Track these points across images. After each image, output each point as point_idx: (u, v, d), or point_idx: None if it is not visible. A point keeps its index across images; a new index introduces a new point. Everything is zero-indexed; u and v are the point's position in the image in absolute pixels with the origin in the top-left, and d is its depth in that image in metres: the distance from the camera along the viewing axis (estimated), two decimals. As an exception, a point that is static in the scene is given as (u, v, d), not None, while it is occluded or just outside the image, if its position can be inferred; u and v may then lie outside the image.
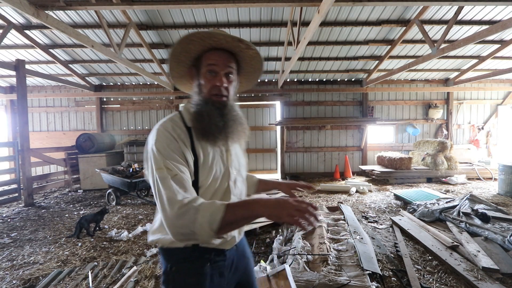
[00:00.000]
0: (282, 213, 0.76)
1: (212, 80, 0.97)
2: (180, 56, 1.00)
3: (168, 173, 0.84)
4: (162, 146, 0.88)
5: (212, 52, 0.98)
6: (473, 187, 5.96)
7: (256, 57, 1.05)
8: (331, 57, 6.57)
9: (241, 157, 1.16)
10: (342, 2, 3.73)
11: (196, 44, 0.96)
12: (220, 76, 0.97)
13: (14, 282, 2.45)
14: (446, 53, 4.61)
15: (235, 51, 1.01)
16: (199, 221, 0.77)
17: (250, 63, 1.08)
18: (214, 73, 0.97)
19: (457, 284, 2.27)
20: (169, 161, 0.86)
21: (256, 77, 1.17)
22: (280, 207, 0.77)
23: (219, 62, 0.97)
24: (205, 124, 0.95)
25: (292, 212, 0.76)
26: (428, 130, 8.04)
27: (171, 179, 0.83)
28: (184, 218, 0.78)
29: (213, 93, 0.98)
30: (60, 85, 7.63)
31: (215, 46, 0.97)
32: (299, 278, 2.00)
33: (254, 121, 7.91)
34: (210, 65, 0.97)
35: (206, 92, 0.98)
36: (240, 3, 3.76)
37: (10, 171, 5.60)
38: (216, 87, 0.97)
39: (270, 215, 0.78)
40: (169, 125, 0.94)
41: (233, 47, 0.98)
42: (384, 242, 3.14)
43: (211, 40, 0.94)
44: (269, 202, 0.80)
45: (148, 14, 4.87)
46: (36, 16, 3.42)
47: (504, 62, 7.00)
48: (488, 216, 3.24)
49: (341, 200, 5.05)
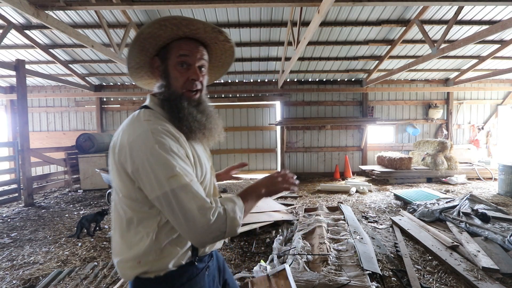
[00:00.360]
0: (277, 187, 0.92)
1: (185, 73, 0.86)
2: (145, 43, 0.85)
3: (183, 178, 0.73)
4: (169, 147, 0.75)
5: (184, 41, 0.87)
6: (473, 187, 5.96)
7: (229, 51, 0.98)
8: (331, 57, 6.57)
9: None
10: (342, 2, 3.73)
11: (168, 31, 0.83)
12: (194, 69, 0.87)
13: (14, 282, 2.45)
14: (446, 53, 4.61)
15: (208, 42, 0.92)
16: (230, 219, 0.77)
17: (221, 57, 1.01)
18: (187, 65, 0.86)
19: (457, 284, 2.27)
20: (181, 164, 0.75)
21: (222, 72, 1.09)
22: (274, 183, 0.93)
23: (193, 53, 0.87)
24: (189, 122, 0.86)
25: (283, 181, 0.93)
26: (428, 130, 8.04)
27: (189, 185, 0.73)
28: (218, 222, 0.74)
29: (187, 88, 0.88)
30: (60, 85, 7.62)
31: (190, 35, 0.87)
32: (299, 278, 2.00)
33: (254, 121, 7.91)
34: (182, 55, 0.86)
35: (179, 87, 0.87)
36: (240, 3, 3.76)
37: (10, 171, 5.60)
38: (191, 81, 0.87)
39: (270, 192, 0.92)
40: (162, 123, 0.81)
41: (210, 38, 0.90)
42: (384, 242, 3.14)
43: (187, 28, 0.83)
44: (264, 182, 0.92)
45: (148, 14, 4.87)
46: (36, 16, 3.42)
47: (504, 62, 7.00)
48: (488, 216, 3.24)
49: (341, 200, 5.05)
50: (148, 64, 0.93)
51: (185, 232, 0.74)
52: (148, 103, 0.90)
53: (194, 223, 0.71)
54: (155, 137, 0.75)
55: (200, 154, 0.90)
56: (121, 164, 0.78)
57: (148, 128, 0.76)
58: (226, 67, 1.07)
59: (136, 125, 0.79)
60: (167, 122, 0.83)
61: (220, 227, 0.74)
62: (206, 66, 0.92)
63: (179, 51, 0.86)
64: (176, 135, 0.81)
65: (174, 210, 0.72)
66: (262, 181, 0.93)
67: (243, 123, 7.93)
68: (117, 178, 0.81)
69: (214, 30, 0.86)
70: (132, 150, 0.75)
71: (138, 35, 0.83)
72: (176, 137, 0.80)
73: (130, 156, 0.75)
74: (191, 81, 0.87)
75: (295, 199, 5.22)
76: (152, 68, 0.93)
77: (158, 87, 0.90)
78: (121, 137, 0.80)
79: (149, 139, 0.75)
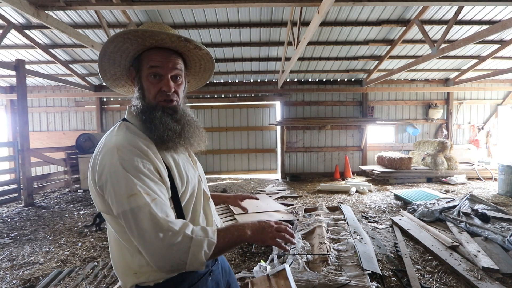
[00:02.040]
0: (266, 236, 0.81)
1: (157, 84, 0.84)
2: (114, 56, 0.85)
3: (146, 198, 0.70)
4: (132, 165, 0.73)
5: (154, 52, 0.84)
6: (473, 187, 5.96)
7: (206, 57, 0.95)
8: (331, 57, 6.57)
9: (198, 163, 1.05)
10: (342, 2, 3.73)
11: (134, 43, 0.82)
12: (166, 80, 0.84)
13: (14, 282, 2.45)
14: (446, 53, 4.61)
15: (181, 51, 0.89)
16: (192, 251, 0.70)
17: (200, 63, 0.98)
18: (158, 76, 0.84)
19: (457, 284, 2.27)
20: (143, 183, 0.72)
21: (207, 77, 1.06)
22: (264, 231, 0.81)
23: (164, 63, 0.84)
24: (160, 131, 0.82)
25: (274, 234, 0.81)
26: (428, 130, 8.04)
27: (151, 204, 0.70)
28: (177, 249, 0.69)
29: (160, 99, 0.85)
30: (60, 85, 7.63)
31: (158, 45, 0.84)
32: (299, 278, 2.00)
33: (254, 121, 7.91)
34: (153, 67, 0.83)
35: (151, 98, 0.85)
36: (240, 3, 3.76)
37: (10, 171, 5.59)
38: (163, 93, 0.84)
39: (256, 240, 0.80)
40: (132, 138, 0.79)
41: (180, 47, 0.87)
42: (384, 242, 3.14)
43: (152, 39, 0.81)
44: (254, 227, 0.82)
45: (148, 14, 4.87)
46: (36, 16, 3.42)
47: (504, 62, 7.00)
48: (488, 216, 3.24)
49: (341, 200, 5.05)
50: (125, 75, 0.93)
51: (143, 253, 0.71)
52: (126, 115, 0.90)
53: (151, 245, 0.68)
54: (119, 154, 0.74)
55: (180, 163, 0.87)
56: (93, 178, 0.78)
57: (115, 145, 0.76)
58: (209, 72, 1.03)
59: (107, 140, 0.79)
60: (139, 135, 0.82)
61: (179, 256, 0.69)
62: (181, 75, 0.89)
63: (149, 62, 0.84)
64: (144, 150, 0.77)
65: (132, 229, 0.70)
66: (253, 224, 0.82)
67: (243, 123, 7.93)
68: (92, 193, 0.81)
69: (181, 40, 0.83)
70: (99, 166, 0.75)
71: (103, 50, 0.82)
72: (144, 151, 0.77)
73: (97, 172, 0.75)
74: (163, 92, 0.85)
75: (295, 199, 5.22)
76: (130, 78, 0.92)
77: (134, 98, 0.89)
78: (95, 151, 0.80)
79: (114, 156, 0.73)
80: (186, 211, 0.87)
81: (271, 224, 0.83)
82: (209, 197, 1.00)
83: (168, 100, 0.86)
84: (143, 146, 0.78)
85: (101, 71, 0.89)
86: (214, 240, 0.74)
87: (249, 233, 0.80)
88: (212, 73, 1.04)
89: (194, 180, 0.91)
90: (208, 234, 0.75)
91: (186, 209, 0.87)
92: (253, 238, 0.80)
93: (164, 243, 0.68)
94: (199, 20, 5.12)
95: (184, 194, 0.85)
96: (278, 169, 8.06)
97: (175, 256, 0.69)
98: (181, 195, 0.85)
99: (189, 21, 5.13)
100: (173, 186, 0.82)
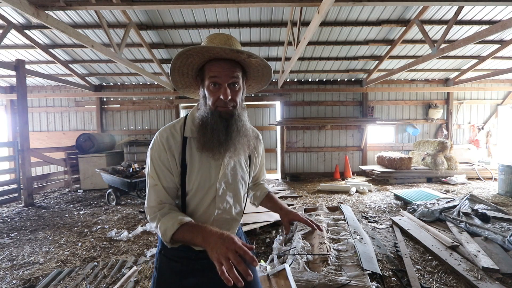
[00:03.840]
0: (213, 255, 0.75)
1: (216, 92, 0.94)
2: (182, 69, 0.99)
3: (151, 181, 0.96)
4: (154, 155, 0.97)
5: (214, 63, 0.94)
6: (473, 187, 5.96)
7: (262, 64, 1.02)
8: (331, 57, 6.57)
9: (241, 170, 1.10)
10: (342, 2, 3.72)
11: (196, 57, 0.94)
12: (224, 89, 0.93)
13: (14, 282, 2.45)
14: (446, 53, 4.61)
15: (238, 60, 0.97)
16: (158, 228, 0.91)
17: (258, 69, 1.05)
18: (217, 85, 0.94)
19: (457, 284, 2.27)
20: (156, 170, 0.96)
21: (266, 81, 1.16)
22: (215, 248, 0.76)
23: (222, 73, 0.93)
24: (207, 138, 0.96)
25: (221, 257, 0.73)
26: (428, 130, 8.04)
27: (152, 187, 0.96)
28: (152, 221, 0.94)
29: (218, 105, 0.96)
30: (60, 85, 7.63)
31: (216, 57, 0.94)
32: (299, 278, 2.00)
33: (254, 121, 7.90)
34: (212, 77, 0.93)
35: (211, 104, 0.96)
36: (240, 3, 3.76)
37: (10, 171, 5.59)
38: (221, 100, 0.95)
39: (207, 251, 0.79)
40: (165, 134, 0.99)
41: (234, 57, 0.95)
42: (384, 242, 3.14)
43: (210, 53, 0.91)
44: (210, 238, 0.80)
45: (148, 14, 4.87)
46: (36, 16, 3.41)
47: (504, 62, 7.00)
48: (488, 216, 3.24)
49: (341, 200, 5.05)
50: (193, 83, 1.08)
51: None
52: (189, 113, 1.08)
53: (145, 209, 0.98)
54: (153, 143, 0.99)
55: (198, 166, 1.00)
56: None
57: (157, 135, 1.00)
58: (267, 76, 1.12)
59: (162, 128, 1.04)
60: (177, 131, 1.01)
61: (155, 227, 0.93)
62: (238, 82, 0.97)
63: (209, 73, 0.95)
64: (169, 144, 0.98)
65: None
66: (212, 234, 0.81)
67: (243, 123, 7.92)
68: None
69: (233, 52, 0.91)
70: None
71: (172, 65, 0.97)
72: (168, 147, 0.97)
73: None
74: (220, 100, 0.95)
75: (295, 199, 5.22)
76: (197, 86, 1.07)
77: (200, 104, 1.03)
78: None
79: (152, 141, 1.00)
80: (189, 204, 1.02)
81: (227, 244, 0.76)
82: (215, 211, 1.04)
83: (225, 106, 0.97)
84: (167, 144, 0.98)
85: (173, 81, 1.04)
86: (172, 230, 0.88)
87: (200, 240, 0.83)
88: (270, 77, 1.13)
89: (203, 185, 1.00)
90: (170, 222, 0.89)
91: (190, 203, 1.02)
92: (204, 247, 0.81)
93: (147, 214, 0.96)
94: (199, 20, 5.11)
95: (190, 191, 1.00)
96: (278, 169, 8.06)
97: (154, 226, 0.94)
98: (187, 190, 1.00)
99: (189, 21, 5.13)
100: (183, 180, 0.99)
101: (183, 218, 0.90)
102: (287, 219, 1.16)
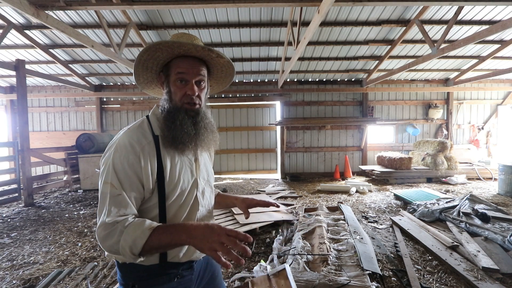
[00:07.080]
0: (204, 246, 0.72)
1: (183, 88, 0.94)
2: (147, 63, 0.97)
3: (112, 190, 0.82)
4: (119, 160, 0.84)
5: (182, 59, 0.95)
6: (473, 187, 5.96)
7: (227, 65, 1.04)
8: (331, 57, 6.57)
9: (210, 166, 1.14)
10: (342, 2, 3.72)
11: (164, 52, 0.93)
12: (191, 85, 0.94)
13: (14, 282, 2.45)
14: (446, 53, 4.61)
15: (205, 59, 0.99)
16: (121, 244, 0.76)
17: (222, 69, 1.07)
18: (184, 81, 0.94)
19: (457, 284, 2.27)
20: (119, 177, 0.83)
21: (228, 82, 1.16)
22: (205, 238, 0.73)
23: (190, 70, 0.94)
24: (176, 132, 0.92)
25: (214, 245, 0.71)
26: (428, 130, 8.04)
27: (113, 198, 0.81)
28: (109, 239, 0.77)
29: (185, 102, 0.95)
30: (60, 85, 7.63)
31: (184, 54, 0.95)
32: (299, 278, 2.00)
33: (254, 121, 7.91)
34: (180, 73, 0.94)
35: (177, 100, 0.95)
36: (240, 3, 3.76)
37: (10, 171, 5.59)
38: (188, 96, 0.94)
39: (195, 246, 0.75)
40: (134, 135, 0.89)
41: (204, 56, 0.96)
42: (384, 242, 3.14)
43: (180, 49, 0.92)
44: (196, 231, 0.76)
45: (148, 14, 4.87)
46: (36, 16, 3.42)
47: (504, 62, 7.00)
48: (488, 216, 3.24)
49: (341, 200, 5.05)
50: (156, 79, 1.05)
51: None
52: (150, 113, 1.01)
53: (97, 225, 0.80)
54: (116, 147, 0.87)
55: (178, 165, 0.95)
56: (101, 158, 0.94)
57: (119, 140, 0.88)
58: (230, 77, 1.13)
59: (120, 132, 0.93)
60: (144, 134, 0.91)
61: (112, 245, 0.77)
62: (204, 80, 0.99)
63: (177, 68, 0.94)
64: (138, 149, 0.86)
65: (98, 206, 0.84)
66: (195, 227, 0.77)
67: (243, 123, 7.93)
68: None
69: (204, 50, 0.92)
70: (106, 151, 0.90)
71: (138, 58, 0.94)
72: (140, 148, 0.87)
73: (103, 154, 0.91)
74: (188, 95, 0.94)
75: (295, 199, 5.22)
76: (159, 82, 1.03)
77: (163, 100, 1.00)
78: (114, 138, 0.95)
79: (113, 146, 0.88)
80: (170, 209, 0.93)
81: (217, 231, 0.74)
82: (198, 208, 1.00)
83: (191, 103, 0.96)
84: (139, 145, 0.88)
85: (135, 75, 1.01)
86: (144, 238, 0.76)
87: (184, 238, 0.76)
88: (232, 78, 1.13)
89: (185, 184, 0.96)
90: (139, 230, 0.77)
91: (170, 208, 0.93)
92: (192, 243, 0.75)
93: (99, 231, 0.78)
94: (199, 20, 5.11)
95: (171, 193, 0.92)
96: (278, 169, 8.06)
97: (109, 245, 0.77)
98: (168, 193, 0.91)
99: (189, 21, 5.13)
100: (161, 184, 0.89)
101: (152, 222, 0.81)
102: (245, 205, 1.17)
